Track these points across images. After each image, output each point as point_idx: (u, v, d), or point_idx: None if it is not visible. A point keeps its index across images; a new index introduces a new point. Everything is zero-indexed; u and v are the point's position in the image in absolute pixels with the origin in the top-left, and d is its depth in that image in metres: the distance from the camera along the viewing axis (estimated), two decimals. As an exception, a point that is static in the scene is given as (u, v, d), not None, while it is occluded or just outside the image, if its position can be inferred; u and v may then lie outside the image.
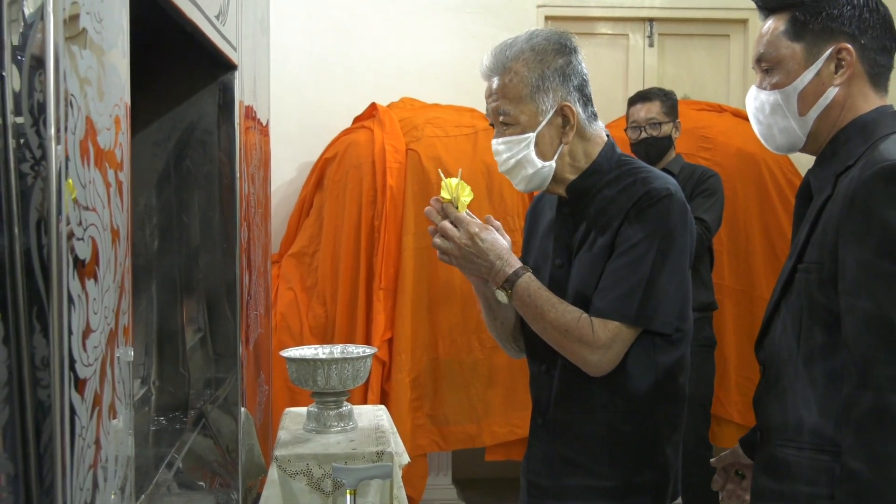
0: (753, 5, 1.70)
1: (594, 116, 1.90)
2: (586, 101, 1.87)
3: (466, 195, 1.90)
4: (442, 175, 1.95)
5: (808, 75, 1.55)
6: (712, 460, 1.94)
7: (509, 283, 1.84)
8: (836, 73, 1.55)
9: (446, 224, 1.86)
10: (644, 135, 3.71)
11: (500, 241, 1.87)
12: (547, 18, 4.75)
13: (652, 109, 3.72)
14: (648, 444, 1.87)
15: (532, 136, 1.83)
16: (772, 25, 1.61)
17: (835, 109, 1.56)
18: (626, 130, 3.79)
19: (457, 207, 1.88)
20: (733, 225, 4.20)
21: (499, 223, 1.93)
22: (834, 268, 1.46)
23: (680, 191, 1.84)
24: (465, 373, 4.07)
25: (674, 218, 1.79)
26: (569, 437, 1.89)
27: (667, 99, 3.75)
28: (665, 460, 1.88)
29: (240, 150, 2.55)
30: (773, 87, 1.59)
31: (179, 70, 2.41)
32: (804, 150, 1.62)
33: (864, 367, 1.39)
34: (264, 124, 3.25)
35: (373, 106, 4.41)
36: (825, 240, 1.48)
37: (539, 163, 1.84)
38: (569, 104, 1.83)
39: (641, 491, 1.86)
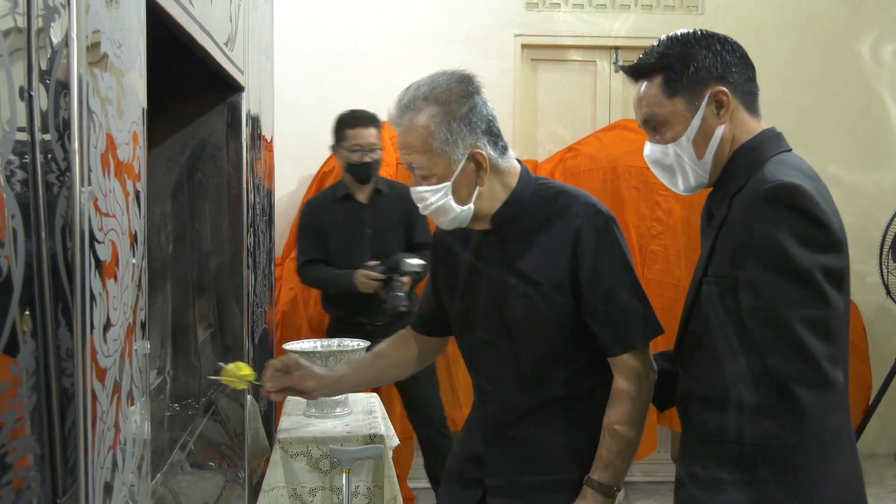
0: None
1: (504, 150, 1.77)
2: (496, 138, 1.74)
3: (243, 371, 1.95)
4: (217, 376, 2.00)
5: (695, 123, 1.55)
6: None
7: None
8: (717, 113, 1.55)
9: None
10: (367, 158, 3.60)
11: None
12: (524, 47, 4.77)
13: (374, 135, 3.63)
14: None
15: (448, 185, 1.71)
16: (647, 88, 1.59)
17: (725, 144, 1.56)
18: (339, 151, 3.65)
19: (257, 383, 1.91)
20: (691, 232, 4.22)
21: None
22: (731, 281, 1.47)
23: (602, 203, 1.78)
24: (448, 363, 4.07)
25: (618, 236, 1.75)
26: (529, 448, 1.80)
27: (378, 124, 3.68)
28: None
29: (246, 163, 2.55)
30: (668, 140, 1.58)
31: (192, 91, 2.41)
32: (709, 185, 1.62)
33: (762, 362, 1.41)
34: (268, 140, 3.24)
35: (366, 124, 4.40)
36: (723, 256, 1.50)
37: (458, 208, 1.73)
38: (479, 150, 1.70)
39: None
